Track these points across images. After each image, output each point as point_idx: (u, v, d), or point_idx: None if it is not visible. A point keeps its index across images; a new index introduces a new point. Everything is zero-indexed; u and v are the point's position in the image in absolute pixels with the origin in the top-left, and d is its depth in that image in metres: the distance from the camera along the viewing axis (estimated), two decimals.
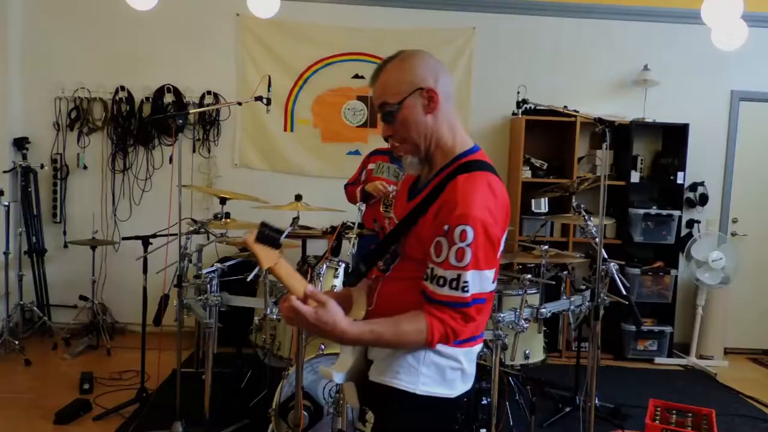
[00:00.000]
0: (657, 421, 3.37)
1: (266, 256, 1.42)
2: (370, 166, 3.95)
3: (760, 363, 5.40)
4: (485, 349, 3.22)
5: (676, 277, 5.25)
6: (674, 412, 3.45)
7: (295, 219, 3.28)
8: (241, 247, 4.38)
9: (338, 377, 1.58)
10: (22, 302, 4.92)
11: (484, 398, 3.24)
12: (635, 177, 5.26)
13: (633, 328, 5.05)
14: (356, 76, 5.32)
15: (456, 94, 5.31)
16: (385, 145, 4.00)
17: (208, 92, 5.22)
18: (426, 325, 1.44)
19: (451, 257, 1.45)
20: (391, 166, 3.87)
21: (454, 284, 1.45)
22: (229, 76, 5.28)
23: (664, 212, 5.24)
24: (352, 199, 3.93)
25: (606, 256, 3.35)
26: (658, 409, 3.48)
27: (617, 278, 3.35)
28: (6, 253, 4.78)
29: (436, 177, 1.58)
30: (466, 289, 1.45)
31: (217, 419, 3.28)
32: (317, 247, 4.84)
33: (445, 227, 1.45)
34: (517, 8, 5.35)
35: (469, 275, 1.44)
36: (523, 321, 3.05)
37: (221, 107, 5.22)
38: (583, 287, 3.82)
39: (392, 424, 1.54)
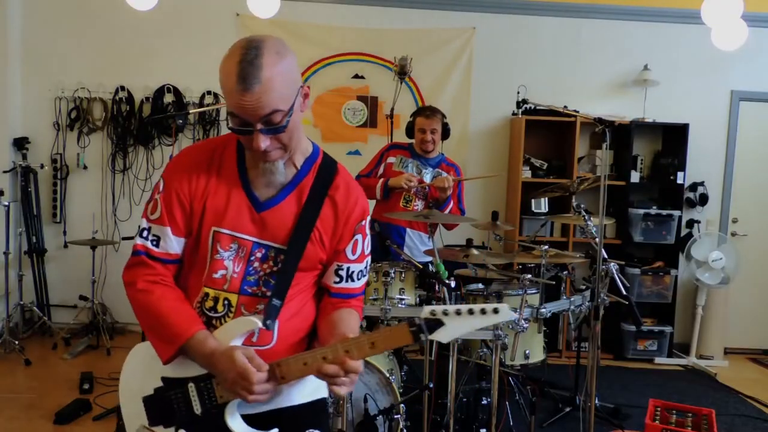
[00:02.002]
0: (657, 421, 3.38)
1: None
2: (390, 159, 3.85)
3: (760, 363, 5.40)
4: (485, 349, 3.22)
5: (676, 277, 5.25)
6: (674, 412, 3.45)
7: None
8: None
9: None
10: (22, 302, 4.92)
11: (484, 398, 3.24)
12: (635, 177, 5.27)
13: (633, 328, 5.05)
14: (356, 76, 5.32)
15: (456, 94, 5.39)
16: (402, 140, 4.03)
17: (208, 92, 5.22)
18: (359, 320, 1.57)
19: (365, 249, 1.57)
20: (413, 161, 3.82)
21: (365, 272, 1.59)
22: None
23: (664, 212, 5.24)
24: (366, 190, 3.85)
25: (606, 256, 3.35)
26: (658, 409, 3.48)
27: (617, 278, 3.35)
28: (6, 253, 4.78)
29: (302, 177, 1.50)
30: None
31: None
32: None
33: (361, 222, 1.53)
34: (517, 8, 5.36)
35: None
36: (523, 321, 3.05)
37: (221, 107, 5.22)
38: (583, 287, 3.82)
39: None
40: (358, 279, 1.57)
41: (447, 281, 3.02)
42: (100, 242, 4.76)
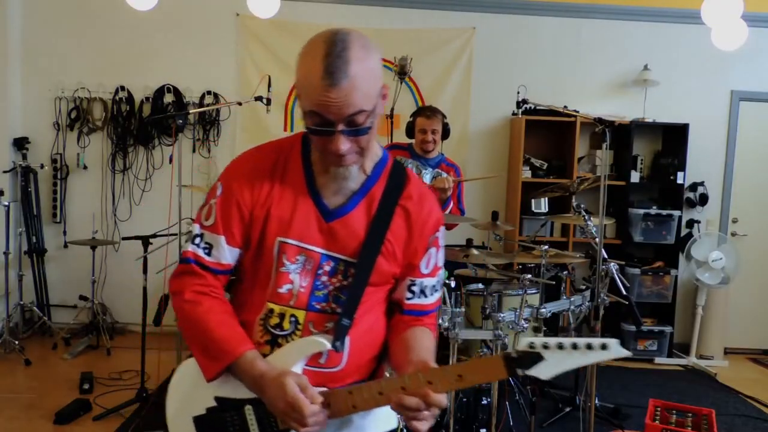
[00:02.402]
0: (657, 421, 3.37)
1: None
2: None
3: (760, 363, 5.40)
4: (485, 349, 3.23)
5: (676, 277, 5.25)
6: (674, 412, 3.45)
7: None
8: None
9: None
10: (22, 302, 4.92)
11: (484, 398, 3.24)
12: (635, 177, 5.27)
13: (633, 328, 5.05)
14: None
15: (456, 94, 5.39)
16: (402, 141, 4.02)
17: (208, 92, 5.22)
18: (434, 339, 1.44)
19: (439, 262, 1.46)
20: (413, 162, 3.79)
21: (438, 286, 1.48)
22: (229, 76, 5.28)
23: (664, 212, 5.24)
24: None
25: (606, 256, 3.35)
26: (658, 409, 3.48)
27: (617, 278, 3.35)
28: (6, 253, 4.78)
29: (373, 184, 1.39)
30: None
31: None
32: None
33: (435, 234, 1.43)
34: (517, 8, 5.36)
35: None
36: (523, 321, 3.05)
37: (221, 107, 5.22)
38: (583, 287, 3.82)
39: None
40: (432, 294, 1.46)
41: (447, 281, 3.02)
42: (100, 242, 4.76)
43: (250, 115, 5.29)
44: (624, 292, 3.32)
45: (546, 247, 3.57)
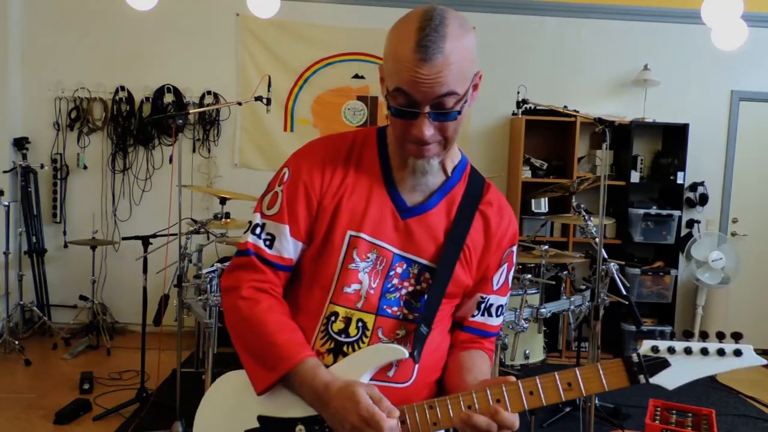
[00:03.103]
0: (657, 421, 3.37)
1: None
2: None
3: None
4: None
5: (676, 277, 5.25)
6: (674, 412, 3.45)
7: None
8: None
9: None
10: (22, 302, 4.92)
11: None
12: (635, 177, 5.27)
13: (633, 328, 5.05)
14: (356, 76, 5.32)
15: None
16: None
17: (208, 92, 5.22)
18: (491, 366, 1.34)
19: (509, 281, 1.35)
20: None
21: (504, 308, 1.36)
22: (229, 76, 5.28)
23: (664, 212, 5.24)
24: None
25: (606, 256, 3.35)
26: (658, 409, 3.48)
27: (617, 278, 3.35)
28: (6, 253, 4.78)
29: (454, 184, 1.29)
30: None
31: None
32: None
33: (511, 248, 1.32)
34: (517, 8, 5.36)
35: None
36: (523, 321, 3.05)
37: (221, 107, 5.22)
38: (583, 287, 3.82)
39: None
40: (497, 315, 1.34)
41: None
42: (100, 242, 4.75)
43: (250, 115, 5.29)
44: (624, 292, 3.32)
45: (546, 247, 3.58)
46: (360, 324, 1.22)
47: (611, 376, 1.06)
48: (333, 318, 1.22)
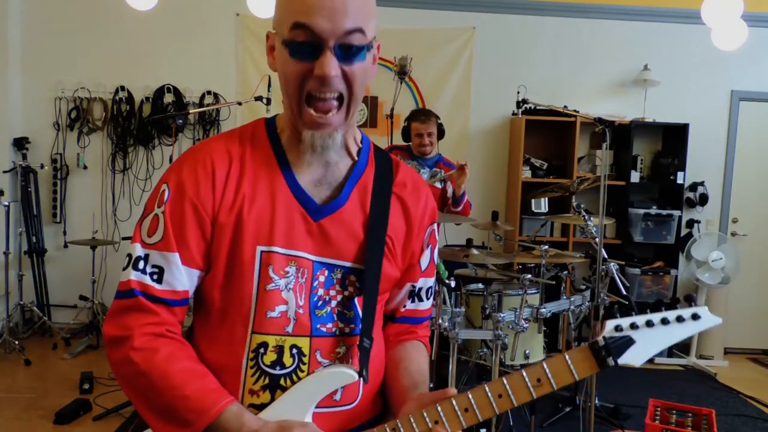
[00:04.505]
0: (657, 421, 3.37)
1: None
2: None
3: (760, 363, 5.40)
4: (485, 349, 3.22)
5: (676, 277, 5.25)
6: (674, 412, 3.45)
7: None
8: None
9: None
10: (22, 302, 4.92)
11: None
12: (635, 177, 5.26)
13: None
14: None
15: (456, 94, 5.39)
16: (400, 143, 4.06)
17: (208, 92, 5.22)
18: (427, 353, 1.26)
19: (435, 258, 1.26)
20: (412, 163, 3.88)
21: (434, 288, 1.29)
22: (229, 76, 5.28)
23: (664, 212, 5.24)
24: None
25: (606, 256, 3.35)
26: (658, 409, 3.48)
27: (617, 278, 3.35)
28: (6, 253, 4.78)
29: (362, 170, 1.16)
30: None
31: None
32: None
33: (432, 226, 1.23)
34: (517, 8, 5.35)
35: None
36: (523, 321, 3.05)
37: (221, 107, 5.22)
38: (583, 287, 3.82)
39: None
40: (427, 298, 1.26)
41: (447, 281, 3.02)
42: (100, 242, 4.76)
43: (250, 115, 5.29)
44: (624, 292, 3.32)
45: (546, 247, 3.58)
46: (294, 351, 1.06)
47: (579, 364, 1.03)
48: (262, 350, 1.06)
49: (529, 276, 3.15)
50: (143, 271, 1.06)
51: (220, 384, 1.05)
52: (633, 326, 1.02)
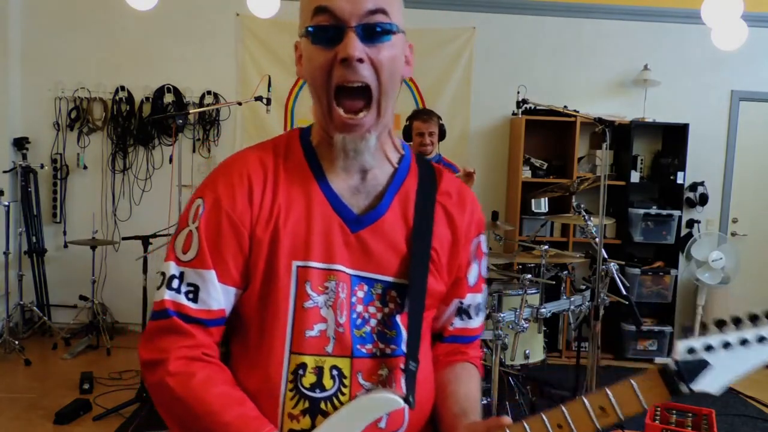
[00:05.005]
0: (657, 421, 3.37)
1: None
2: None
3: None
4: (485, 349, 3.22)
5: (676, 277, 5.25)
6: (674, 412, 3.45)
7: None
8: None
9: None
10: (22, 302, 4.92)
11: (484, 398, 3.24)
12: (635, 177, 5.26)
13: (633, 328, 5.05)
14: None
15: (456, 94, 5.39)
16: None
17: (208, 92, 5.22)
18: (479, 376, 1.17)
19: (484, 272, 1.18)
20: None
21: (484, 304, 1.19)
22: (229, 76, 5.28)
23: (664, 212, 5.24)
24: None
25: (606, 256, 3.35)
26: (658, 409, 3.48)
27: (617, 278, 3.35)
28: (6, 253, 4.77)
29: (404, 177, 1.10)
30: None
31: None
32: None
33: (479, 238, 1.15)
34: (517, 8, 5.35)
35: None
36: (523, 321, 3.05)
37: (221, 107, 5.22)
38: (583, 287, 3.82)
39: None
40: (477, 315, 1.17)
41: None
42: (100, 242, 4.76)
43: (250, 115, 5.29)
44: (624, 292, 3.32)
45: (546, 247, 3.58)
46: (335, 372, 1.00)
47: (648, 391, 0.93)
48: (301, 371, 1.00)
49: (529, 276, 3.15)
50: (178, 291, 1.01)
51: (258, 411, 0.99)
52: (708, 348, 0.91)
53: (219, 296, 1.01)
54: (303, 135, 1.13)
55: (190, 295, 1.00)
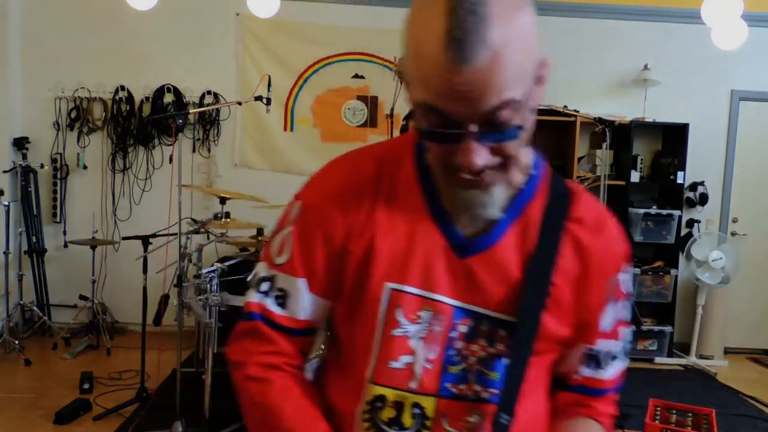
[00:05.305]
0: (657, 421, 3.37)
1: None
2: None
3: (760, 363, 5.40)
4: None
5: (676, 276, 5.25)
6: (674, 412, 3.45)
7: None
8: (241, 247, 4.38)
9: None
10: (22, 302, 4.92)
11: None
12: (635, 177, 5.27)
13: (633, 327, 5.04)
14: (356, 76, 5.32)
15: None
16: None
17: (208, 92, 5.22)
18: None
19: (623, 315, 0.99)
20: None
21: (623, 352, 1.01)
22: (229, 76, 5.28)
23: (664, 212, 5.24)
24: None
25: None
26: (658, 409, 3.48)
27: None
28: (6, 253, 4.78)
29: (526, 200, 0.94)
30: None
31: (217, 419, 3.28)
32: None
33: (619, 275, 0.96)
34: None
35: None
36: None
37: (221, 107, 5.22)
38: None
39: None
40: (609, 364, 0.99)
41: None
42: (100, 242, 4.76)
43: (250, 115, 5.29)
44: None
45: None
46: (416, 411, 0.90)
47: None
48: (379, 403, 0.91)
49: None
50: (266, 294, 0.97)
51: (331, 431, 0.94)
52: None
53: (307, 306, 0.96)
54: (417, 150, 0.96)
55: (279, 300, 0.96)
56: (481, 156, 0.79)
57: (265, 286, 0.97)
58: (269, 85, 3.69)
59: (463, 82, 0.74)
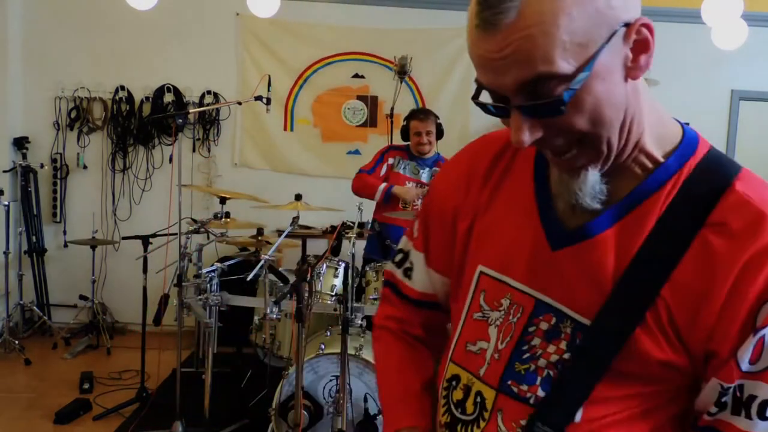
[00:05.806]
0: None
1: None
2: (390, 160, 3.98)
3: None
4: None
5: None
6: None
7: (295, 219, 3.28)
8: (241, 247, 4.38)
9: None
10: (22, 302, 4.92)
11: None
12: None
13: None
14: (356, 76, 5.32)
15: (456, 94, 5.39)
16: (399, 143, 4.10)
17: (208, 92, 5.22)
18: None
19: None
20: (410, 163, 3.93)
21: None
22: (229, 76, 5.28)
23: None
24: (365, 188, 3.84)
25: None
26: None
27: None
28: (6, 253, 4.78)
29: (654, 188, 0.80)
30: None
31: (217, 419, 3.28)
32: (317, 247, 4.83)
33: None
34: None
35: None
36: None
37: (221, 107, 5.22)
38: None
39: None
40: (757, 415, 0.74)
41: None
42: (100, 242, 4.76)
43: (250, 115, 5.29)
44: None
45: None
46: (478, 399, 0.85)
47: None
48: (454, 382, 0.90)
49: None
50: (398, 264, 1.06)
51: (418, 403, 0.99)
52: None
53: (425, 279, 1.02)
54: None
55: (408, 272, 1.04)
56: (525, 131, 0.72)
57: (399, 257, 1.06)
58: (269, 84, 3.69)
59: (493, 50, 0.69)
